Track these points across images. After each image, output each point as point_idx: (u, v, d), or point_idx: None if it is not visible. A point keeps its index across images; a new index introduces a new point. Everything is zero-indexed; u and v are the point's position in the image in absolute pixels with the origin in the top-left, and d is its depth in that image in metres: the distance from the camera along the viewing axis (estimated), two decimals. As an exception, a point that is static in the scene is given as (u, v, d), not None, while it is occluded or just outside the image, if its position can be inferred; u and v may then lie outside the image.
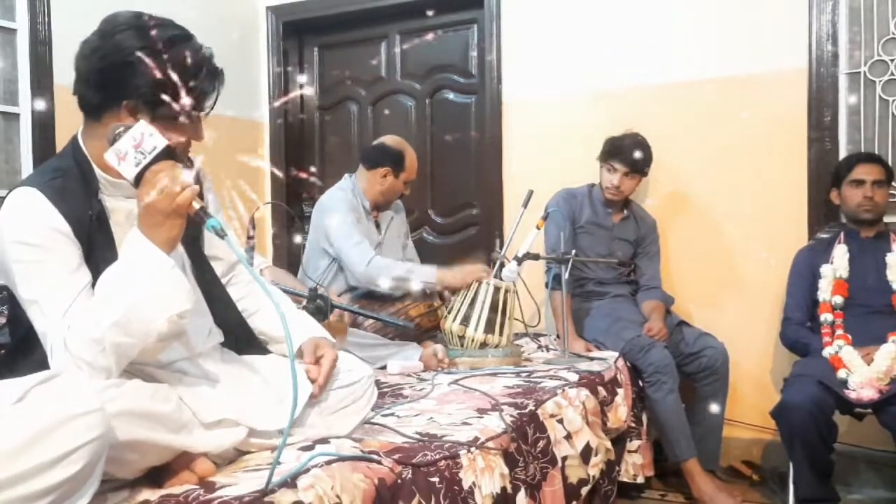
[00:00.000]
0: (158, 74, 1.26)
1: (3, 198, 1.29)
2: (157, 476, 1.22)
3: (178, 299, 1.21)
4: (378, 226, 2.90)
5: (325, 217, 2.74)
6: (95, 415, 1.01)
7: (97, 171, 1.33)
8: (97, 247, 1.29)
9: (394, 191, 2.86)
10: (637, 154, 2.81)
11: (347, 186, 2.83)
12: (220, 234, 1.21)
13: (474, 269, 2.58)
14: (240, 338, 1.56)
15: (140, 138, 1.20)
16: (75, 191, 1.29)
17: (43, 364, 1.22)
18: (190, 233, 1.36)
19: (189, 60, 1.30)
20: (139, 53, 1.25)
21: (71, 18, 2.88)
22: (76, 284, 1.24)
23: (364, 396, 1.57)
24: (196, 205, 1.21)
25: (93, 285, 1.24)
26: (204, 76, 1.33)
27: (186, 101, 1.30)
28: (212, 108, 1.38)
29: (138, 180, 1.20)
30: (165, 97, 1.28)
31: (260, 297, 1.59)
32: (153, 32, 1.28)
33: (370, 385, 1.60)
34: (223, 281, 1.57)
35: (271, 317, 1.59)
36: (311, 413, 1.48)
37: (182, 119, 1.30)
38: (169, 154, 1.21)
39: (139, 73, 1.26)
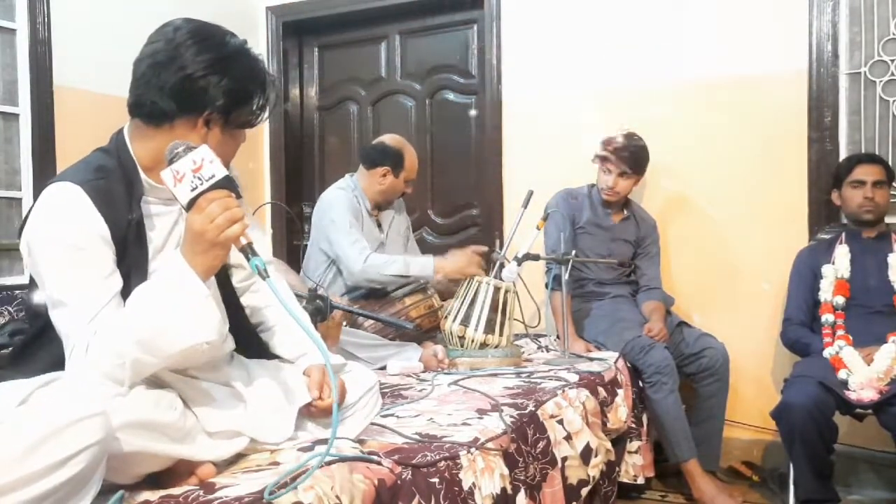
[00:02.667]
0: (234, 86, 1.29)
1: (4, 198, 1.28)
2: (157, 478, 1.22)
3: (207, 329, 1.19)
4: (380, 225, 2.90)
5: (324, 216, 2.74)
6: (97, 418, 1.01)
7: (143, 175, 1.32)
8: (130, 252, 1.28)
9: (394, 190, 2.86)
10: (632, 154, 2.81)
11: (348, 186, 2.83)
12: (263, 275, 1.19)
13: (471, 257, 2.58)
14: (248, 342, 1.55)
15: (200, 163, 1.18)
16: (118, 194, 1.28)
17: (56, 363, 1.22)
18: None
19: (254, 69, 1.34)
20: (216, 65, 1.28)
21: (70, 19, 2.88)
22: (107, 291, 1.23)
23: (368, 405, 1.58)
24: (244, 240, 1.19)
25: (121, 291, 1.24)
26: (267, 84, 1.36)
27: (257, 110, 1.34)
28: (268, 116, 1.40)
29: (191, 204, 1.18)
30: (239, 108, 1.31)
31: (280, 312, 1.54)
32: (222, 42, 1.31)
33: (375, 394, 1.60)
34: (241, 285, 1.54)
35: (287, 338, 1.56)
36: (311, 423, 1.48)
37: (247, 129, 1.32)
38: (226, 184, 1.20)
39: (217, 85, 1.28)
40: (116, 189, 1.28)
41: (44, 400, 1.02)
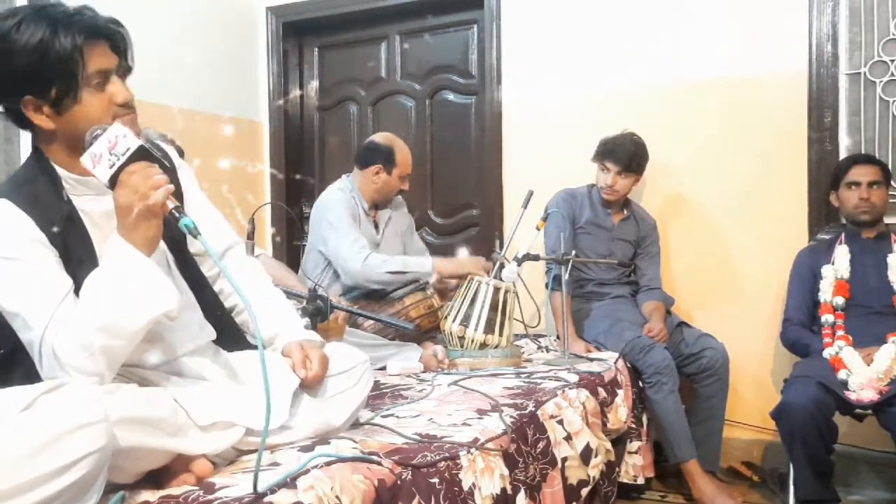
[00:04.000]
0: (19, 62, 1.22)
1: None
2: (156, 478, 1.22)
3: (163, 299, 1.21)
4: (376, 226, 2.89)
5: (321, 217, 2.74)
6: (101, 425, 1.01)
7: (60, 171, 1.32)
8: (74, 249, 1.28)
9: (389, 187, 2.84)
10: (630, 153, 2.81)
11: (345, 187, 2.83)
12: (194, 233, 1.20)
13: (471, 261, 2.58)
14: (227, 335, 1.54)
15: (114, 140, 1.20)
16: (45, 196, 1.28)
17: (31, 375, 1.22)
18: (171, 230, 1.35)
19: (17, 44, 1.22)
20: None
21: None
22: (57, 292, 1.23)
23: (359, 383, 1.56)
24: (170, 204, 1.21)
25: (75, 288, 1.24)
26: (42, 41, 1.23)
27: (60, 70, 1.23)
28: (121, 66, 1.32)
29: (114, 183, 1.20)
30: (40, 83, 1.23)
31: (251, 292, 1.52)
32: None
33: (365, 371, 1.59)
34: (213, 272, 1.55)
35: (260, 318, 1.56)
36: (304, 399, 1.47)
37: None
38: (143, 155, 1.22)
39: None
40: (42, 192, 1.29)
41: (47, 406, 1.02)
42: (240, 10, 3.81)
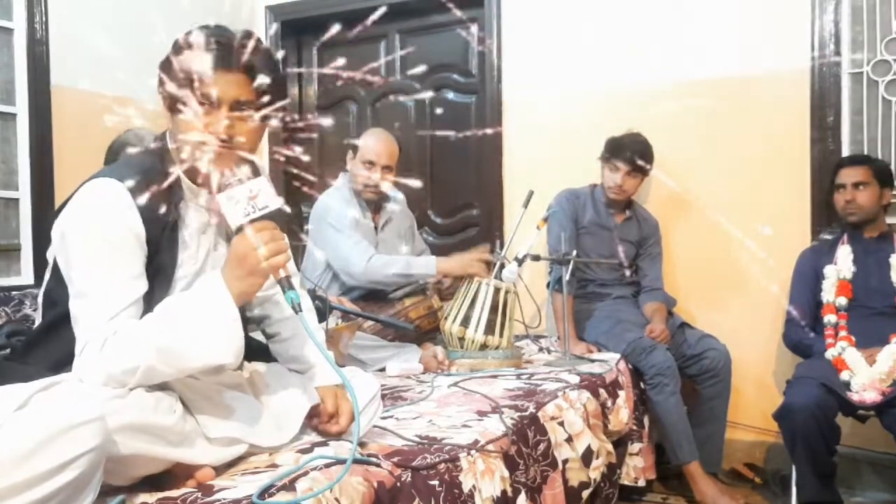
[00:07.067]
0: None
1: (2, 198, 1.27)
2: (158, 481, 1.21)
3: (229, 352, 1.19)
4: (376, 227, 2.86)
5: (321, 220, 2.71)
6: (96, 423, 1.01)
7: (183, 178, 1.31)
8: (162, 254, 1.28)
9: (354, 174, 2.76)
10: (639, 153, 2.81)
11: (342, 185, 2.81)
12: (297, 309, 1.21)
13: (473, 258, 2.56)
14: (249, 345, 1.54)
15: (257, 192, 1.21)
16: (160, 197, 1.27)
17: (67, 356, 1.21)
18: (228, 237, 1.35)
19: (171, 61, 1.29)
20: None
21: (68, 18, 2.87)
22: (132, 293, 1.23)
23: (369, 412, 1.56)
24: (283, 273, 1.21)
25: (146, 293, 1.24)
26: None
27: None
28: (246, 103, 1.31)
29: (239, 229, 1.20)
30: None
31: (295, 325, 1.53)
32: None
33: (377, 402, 1.59)
34: (262, 293, 1.51)
35: (300, 352, 1.55)
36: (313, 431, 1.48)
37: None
38: (277, 216, 1.22)
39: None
40: (159, 192, 1.27)
41: (42, 404, 1.01)
42: (238, 9, 3.81)
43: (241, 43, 1.27)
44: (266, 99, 1.31)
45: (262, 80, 1.28)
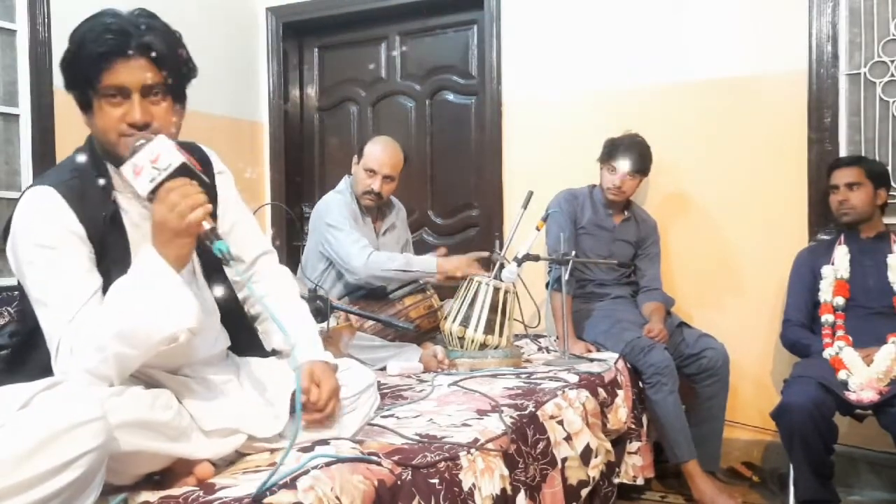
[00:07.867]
0: (70, 53, 1.28)
1: (4, 199, 1.28)
2: (157, 479, 1.22)
3: (183, 318, 1.19)
4: (376, 232, 2.86)
5: (321, 220, 2.73)
6: (98, 423, 1.01)
7: (111, 169, 1.32)
8: (110, 248, 1.28)
9: (357, 179, 2.77)
10: (638, 154, 2.82)
11: (345, 189, 2.82)
12: (226, 258, 1.19)
13: (472, 258, 2.57)
14: (243, 339, 1.55)
15: (157, 153, 1.19)
16: (91, 190, 1.28)
17: (47, 366, 1.22)
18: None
19: (81, 31, 1.29)
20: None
21: (71, 20, 2.85)
22: (86, 289, 1.23)
23: (366, 404, 1.58)
24: (206, 225, 1.19)
25: (104, 287, 1.24)
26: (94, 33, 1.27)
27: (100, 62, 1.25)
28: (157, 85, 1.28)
29: (152, 196, 1.19)
30: (84, 74, 1.27)
31: (277, 303, 1.51)
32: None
33: (373, 393, 1.60)
34: (240, 277, 1.52)
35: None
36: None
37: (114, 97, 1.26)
38: (185, 171, 1.20)
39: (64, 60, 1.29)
40: (90, 186, 1.29)
41: (45, 404, 1.02)
42: (240, 10, 3.82)
43: (134, 24, 1.26)
44: (173, 78, 1.30)
45: (165, 58, 1.27)
